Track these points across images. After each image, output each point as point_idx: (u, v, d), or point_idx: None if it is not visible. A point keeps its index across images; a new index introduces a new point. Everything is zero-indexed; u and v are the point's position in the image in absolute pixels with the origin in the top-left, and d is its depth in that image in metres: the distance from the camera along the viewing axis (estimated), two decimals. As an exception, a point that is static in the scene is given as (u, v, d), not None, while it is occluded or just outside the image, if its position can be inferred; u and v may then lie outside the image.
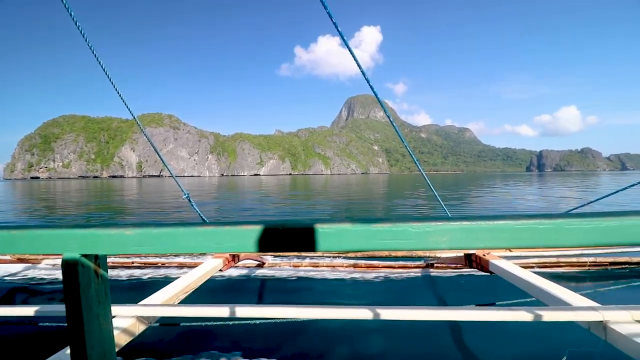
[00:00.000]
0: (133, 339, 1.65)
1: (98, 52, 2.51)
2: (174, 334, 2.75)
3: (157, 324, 1.99)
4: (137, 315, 1.69)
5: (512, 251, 3.50)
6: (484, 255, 2.94)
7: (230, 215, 13.34)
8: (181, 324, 2.37)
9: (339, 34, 2.27)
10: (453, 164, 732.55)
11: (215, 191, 31.28)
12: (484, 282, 3.85)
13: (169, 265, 4.40)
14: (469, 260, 3.17)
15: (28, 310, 1.76)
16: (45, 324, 2.40)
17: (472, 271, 3.33)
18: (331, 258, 4.57)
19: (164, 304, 1.99)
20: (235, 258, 3.41)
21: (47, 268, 4.43)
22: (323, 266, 4.33)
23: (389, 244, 0.53)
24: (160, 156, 3.21)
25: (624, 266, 4.07)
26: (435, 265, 4.14)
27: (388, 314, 1.61)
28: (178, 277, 2.49)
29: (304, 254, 4.54)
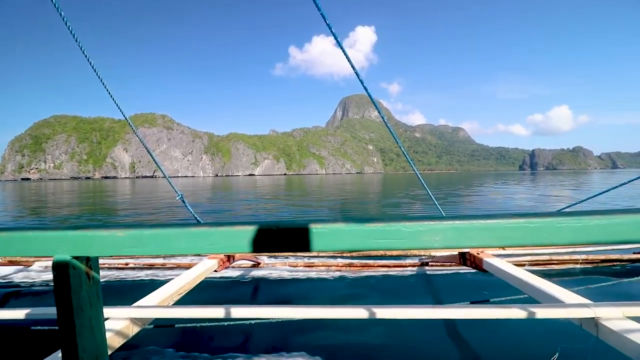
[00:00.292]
0: (127, 341, 1.64)
1: (89, 52, 2.48)
2: (169, 335, 2.73)
3: (152, 326, 1.97)
4: (131, 317, 1.68)
5: (506, 249, 3.53)
6: (477, 253, 2.96)
7: (225, 216, 13.28)
8: (176, 325, 2.35)
9: (333, 35, 2.27)
10: (447, 163, 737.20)
11: (209, 192, 31.09)
12: (478, 281, 3.89)
13: (163, 267, 4.37)
14: (463, 258, 3.19)
15: (19, 314, 1.73)
16: (37, 327, 2.37)
17: (467, 269, 3.35)
18: (327, 258, 4.58)
19: (158, 306, 1.97)
20: (230, 259, 3.39)
21: (39, 270, 4.38)
22: (319, 266, 4.33)
23: (383, 243, 0.53)
24: (152, 157, 3.18)
25: (614, 263, 4.14)
26: (430, 263, 4.17)
27: (384, 313, 1.62)
28: (172, 279, 2.47)
29: (299, 254, 4.53)
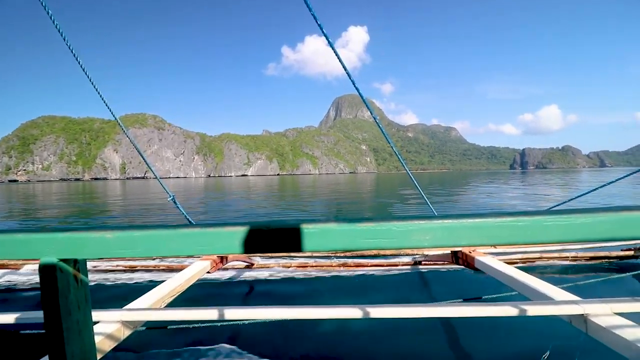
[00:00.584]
0: (118, 344, 1.61)
1: (77, 51, 2.44)
2: (161, 337, 2.70)
3: (144, 328, 1.94)
4: (122, 320, 1.66)
5: (497, 248, 3.58)
6: (469, 252, 2.99)
7: (217, 217, 13.19)
8: (168, 327, 2.32)
9: (324, 35, 2.27)
10: (439, 162, 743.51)
11: (201, 193, 30.85)
12: (471, 279, 3.93)
13: (155, 269, 4.32)
14: (455, 257, 3.22)
15: (7, 318, 1.70)
16: (26, 331, 2.32)
17: (459, 268, 3.38)
18: (320, 258, 4.57)
19: (150, 308, 1.95)
20: (223, 260, 3.37)
21: (28, 273, 4.30)
22: (312, 266, 4.32)
23: (374, 243, 0.53)
24: (143, 157, 3.14)
25: (603, 260, 4.22)
26: (423, 262, 4.19)
27: (378, 312, 1.63)
28: (165, 281, 2.44)
29: (293, 254, 4.52)
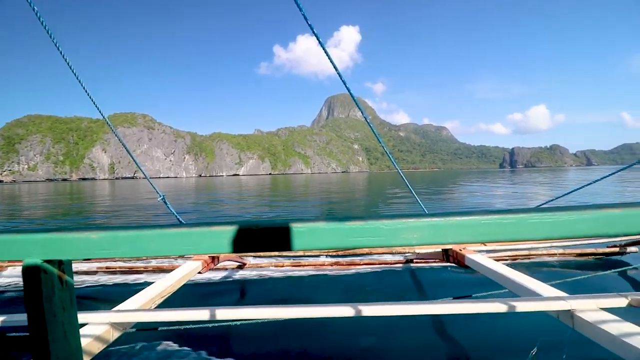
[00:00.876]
0: (107, 346, 1.59)
1: (64, 49, 2.39)
2: (152, 339, 2.67)
3: (134, 330, 1.92)
4: (111, 321, 1.63)
5: (487, 245, 3.63)
6: (460, 250, 3.03)
7: (207, 217, 13.08)
8: (159, 329, 2.30)
9: (315, 35, 2.27)
10: (431, 161, 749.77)
11: (192, 193, 30.55)
12: (461, 276, 3.98)
13: (145, 270, 4.27)
14: (446, 255, 3.26)
15: None
16: (12, 333, 2.27)
17: (450, 266, 3.42)
18: (313, 257, 4.58)
19: (139, 309, 1.92)
20: (214, 260, 3.34)
21: (13, 275, 4.22)
22: (305, 265, 4.32)
23: (363, 241, 0.53)
24: (133, 157, 3.10)
25: (589, 257, 4.32)
26: (414, 261, 4.23)
27: (370, 310, 1.64)
28: (155, 282, 2.41)
29: (285, 253, 4.52)
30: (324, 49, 2.36)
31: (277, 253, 4.43)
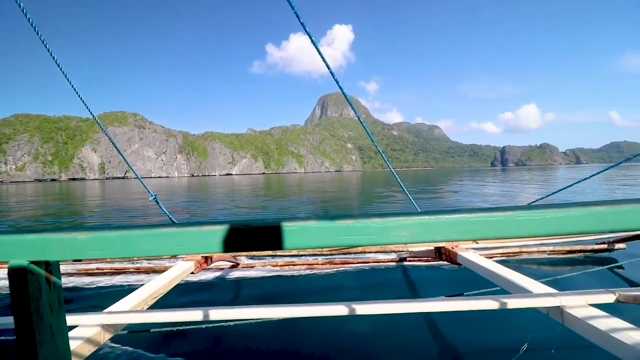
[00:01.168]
0: (98, 348, 1.57)
1: (52, 46, 2.34)
2: (144, 340, 2.64)
3: (125, 332, 1.90)
4: (103, 323, 1.61)
5: (478, 243, 3.67)
6: (452, 248, 3.06)
7: (199, 217, 12.99)
8: (151, 330, 2.27)
9: (307, 34, 2.27)
10: (423, 160, 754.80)
11: (183, 193, 30.28)
12: (453, 274, 4.02)
13: (137, 271, 4.23)
14: (438, 253, 3.29)
15: None
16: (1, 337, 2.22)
17: (442, 264, 3.46)
18: (307, 256, 4.58)
19: (131, 310, 1.90)
20: (208, 260, 3.32)
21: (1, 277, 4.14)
22: (299, 264, 4.32)
23: (353, 239, 0.54)
24: (123, 157, 3.07)
25: (579, 254, 4.40)
26: (408, 259, 4.26)
27: (363, 309, 1.64)
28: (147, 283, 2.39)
29: (279, 253, 4.51)
30: (317, 47, 2.35)
31: (271, 253, 4.42)
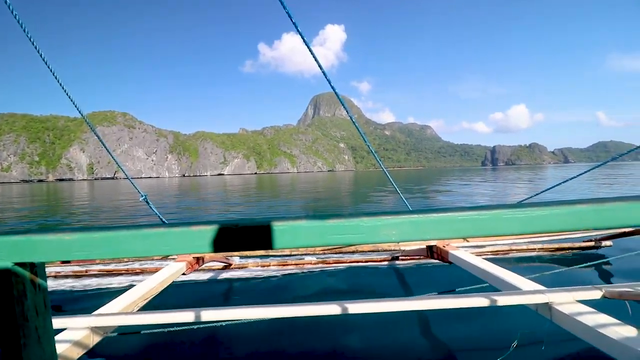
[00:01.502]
0: (87, 351, 1.55)
1: (39, 43, 2.30)
2: (134, 343, 2.61)
3: (115, 334, 1.87)
4: (91, 326, 1.59)
5: (469, 241, 3.72)
6: (443, 246, 3.10)
7: (189, 217, 12.87)
8: (142, 332, 2.25)
9: (299, 34, 2.26)
10: (415, 160, 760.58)
11: (175, 193, 29.97)
12: (445, 272, 4.06)
13: (127, 272, 4.17)
14: (430, 251, 3.32)
15: None
16: None
17: (434, 262, 3.49)
18: (299, 256, 4.58)
19: (121, 312, 1.88)
20: (199, 261, 3.29)
21: None
22: (291, 264, 4.32)
23: (344, 238, 0.54)
24: (113, 157, 3.02)
25: (567, 251, 4.49)
26: (400, 258, 4.29)
27: (355, 307, 1.65)
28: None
29: (271, 253, 4.50)
30: (309, 47, 2.35)
31: (263, 252, 4.41)
